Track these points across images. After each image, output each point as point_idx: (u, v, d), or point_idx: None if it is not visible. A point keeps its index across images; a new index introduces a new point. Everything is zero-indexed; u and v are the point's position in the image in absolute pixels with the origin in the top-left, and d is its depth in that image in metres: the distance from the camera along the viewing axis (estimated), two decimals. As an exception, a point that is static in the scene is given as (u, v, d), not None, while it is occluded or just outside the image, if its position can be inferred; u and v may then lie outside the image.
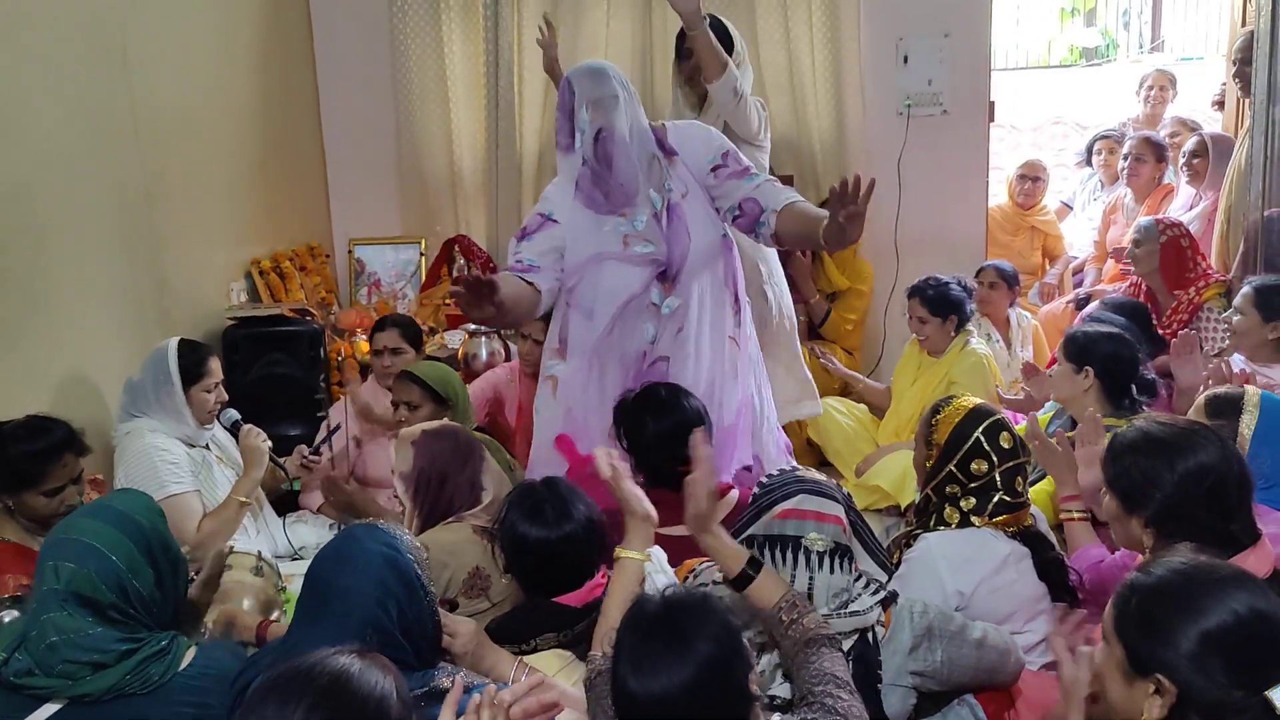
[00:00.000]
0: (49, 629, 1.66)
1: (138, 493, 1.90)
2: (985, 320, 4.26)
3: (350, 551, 1.65)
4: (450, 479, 2.35)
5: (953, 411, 2.27)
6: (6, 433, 2.29)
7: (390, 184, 4.71)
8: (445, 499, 2.34)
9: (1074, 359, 2.78)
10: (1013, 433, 2.26)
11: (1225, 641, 1.34)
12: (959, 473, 2.23)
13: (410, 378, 3.03)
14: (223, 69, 3.82)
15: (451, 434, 2.46)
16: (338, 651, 1.33)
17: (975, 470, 2.21)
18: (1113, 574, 2.22)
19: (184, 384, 2.79)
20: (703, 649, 1.40)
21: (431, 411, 2.95)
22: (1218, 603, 1.36)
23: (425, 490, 2.34)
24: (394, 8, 4.51)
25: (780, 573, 1.85)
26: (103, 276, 2.97)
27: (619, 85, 2.65)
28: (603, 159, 2.62)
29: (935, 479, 2.27)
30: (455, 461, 2.37)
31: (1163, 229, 3.77)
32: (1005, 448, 2.21)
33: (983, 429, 2.22)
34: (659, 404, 2.45)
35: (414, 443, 2.39)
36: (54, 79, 2.77)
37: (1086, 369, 2.74)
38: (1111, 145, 5.24)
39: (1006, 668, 1.97)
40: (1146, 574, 1.45)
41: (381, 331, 3.43)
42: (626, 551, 1.92)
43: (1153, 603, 1.40)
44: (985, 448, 2.21)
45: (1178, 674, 1.35)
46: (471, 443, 2.46)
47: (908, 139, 4.47)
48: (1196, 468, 1.79)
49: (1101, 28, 9.84)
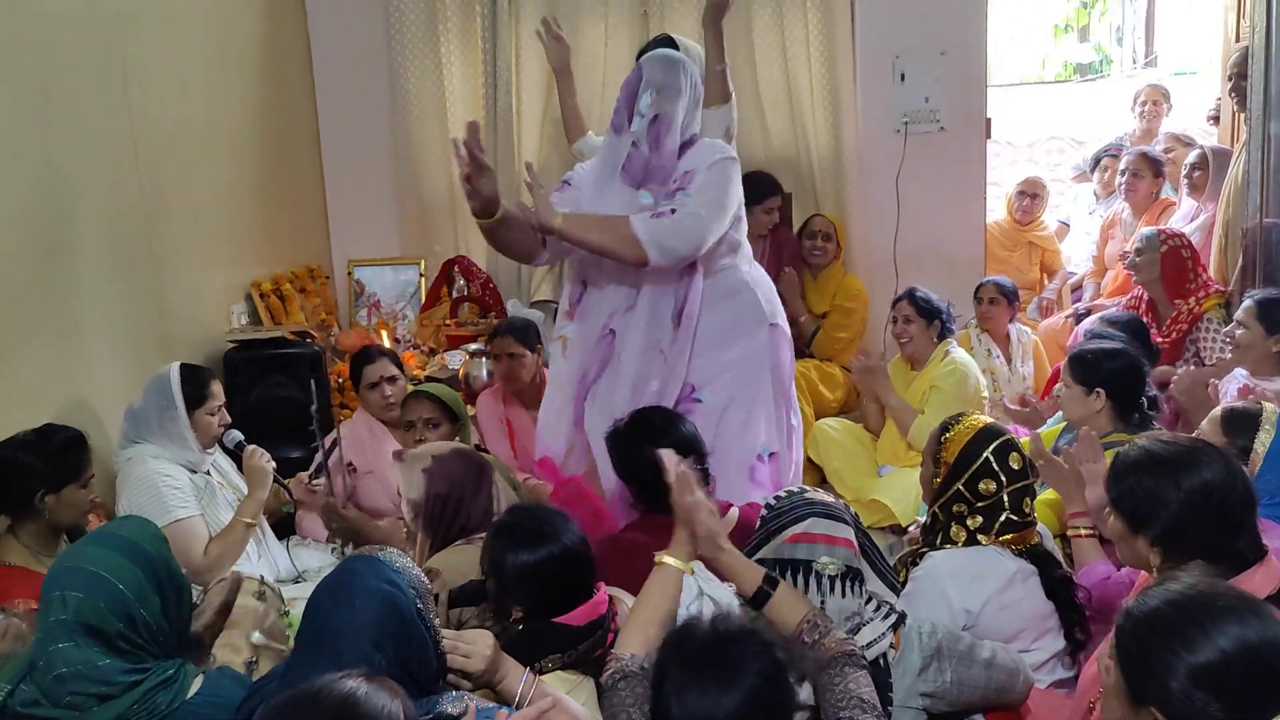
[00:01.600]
0: (57, 660, 1.65)
1: (143, 520, 1.89)
2: (986, 336, 4.27)
3: (347, 588, 1.62)
4: (465, 503, 2.32)
5: (962, 430, 2.27)
6: (29, 441, 2.31)
7: (389, 205, 4.72)
8: (459, 523, 2.31)
9: (1083, 381, 2.75)
10: (1022, 453, 2.25)
11: (1216, 677, 1.31)
12: (967, 492, 2.22)
13: (425, 395, 3.02)
14: (221, 92, 3.83)
15: (464, 456, 2.42)
16: (345, 675, 1.32)
17: (983, 490, 2.20)
18: (1118, 591, 2.22)
19: (188, 409, 2.78)
20: (750, 682, 1.41)
21: (448, 430, 2.95)
22: (1207, 637, 1.33)
23: (439, 515, 2.31)
24: (392, 29, 4.53)
25: None
26: (103, 300, 2.97)
27: (685, 81, 2.74)
28: (653, 143, 2.72)
29: (943, 497, 2.27)
30: (470, 484, 2.34)
31: (1164, 239, 3.81)
32: (1014, 468, 2.21)
33: (992, 449, 2.21)
34: (653, 429, 2.44)
35: (425, 469, 2.33)
36: (54, 102, 2.77)
37: (1098, 390, 2.72)
38: (1116, 163, 5.25)
39: (1015, 687, 1.95)
40: (1142, 603, 1.43)
41: (371, 364, 3.32)
42: (668, 557, 1.87)
43: (1145, 634, 1.39)
44: (994, 468, 2.21)
45: (1170, 708, 1.33)
46: (483, 464, 2.43)
47: (905, 156, 4.49)
48: (1201, 486, 1.78)
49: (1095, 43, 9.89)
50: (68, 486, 2.32)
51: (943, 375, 3.76)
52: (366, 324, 4.57)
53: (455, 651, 1.76)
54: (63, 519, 2.35)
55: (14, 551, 2.31)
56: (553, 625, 1.96)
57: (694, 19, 4.49)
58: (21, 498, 2.29)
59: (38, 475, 2.28)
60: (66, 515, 2.35)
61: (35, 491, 2.28)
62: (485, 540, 2.02)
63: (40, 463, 2.28)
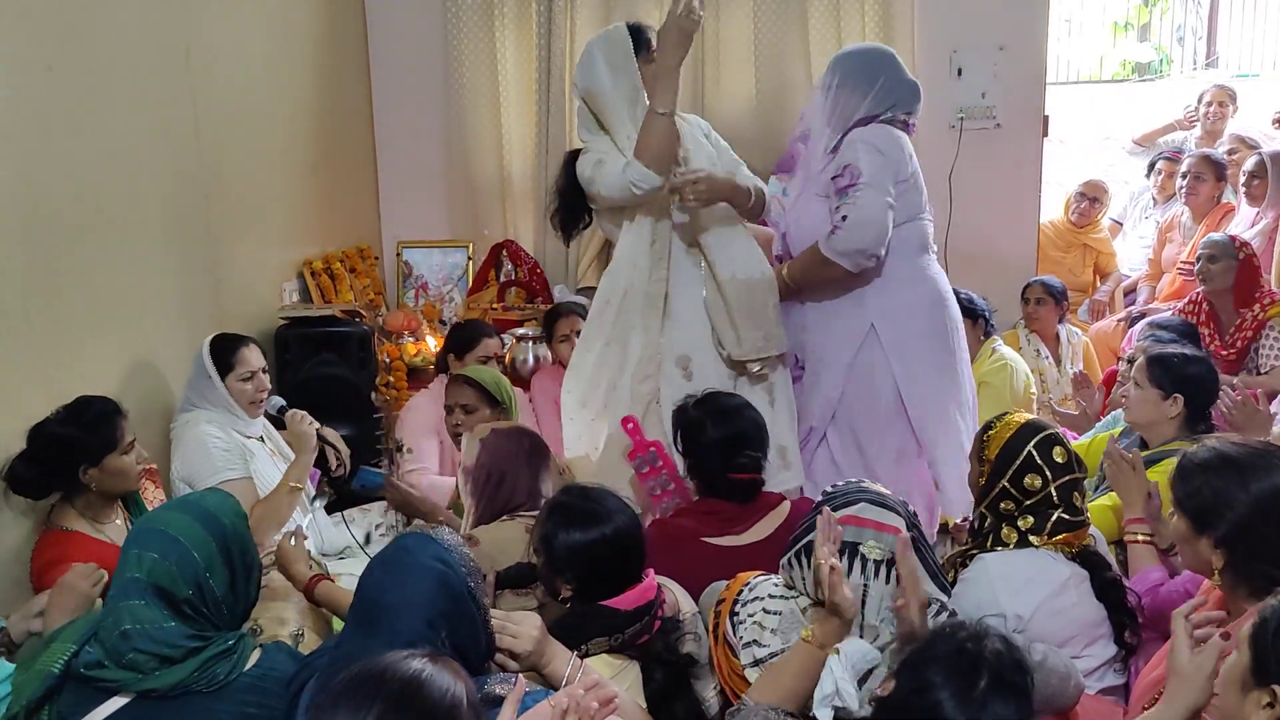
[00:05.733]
0: (125, 616, 1.68)
1: (225, 494, 1.91)
2: (1034, 336, 4.21)
3: (401, 565, 1.64)
4: (509, 477, 2.36)
5: (1004, 428, 2.23)
6: (64, 416, 2.33)
7: (439, 187, 4.75)
8: (503, 497, 2.35)
9: (1161, 384, 2.66)
10: (1067, 447, 2.20)
11: None
12: (1012, 488, 2.18)
13: (465, 380, 3.05)
14: (280, 73, 3.87)
15: (519, 434, 2.46)
16: (409, 655, 1.33)
17: (1029, 485, 2.16)
18: (1170, 599, 2.18)
19: (220, 376, 2.83)
20: None
21: (488, 414, 2.96)
22: None
23: (485, 486, 2.36)
24: (448, 13, 4.55)
25: None
26: (162, 275, 3.01)
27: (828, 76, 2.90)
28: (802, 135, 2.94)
29: (989, 496, 2.23)
30: (518, 461, 2.38)
31: (1239, 246, 3.77)
32: (1059, 462, 2.16)
33: (1035, 443, 2.17)
34: (720, 411, 2.44)
35: (483, 440, 2.41)
36: (119, 80, 2.81)
37: (1176, 396, 2.65)
38: (1172, 167, 5.15)
39: (1067, 691, 1.92)
40: None
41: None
42: (811, 638, 1.82)
43: None
44: (1038, 462, 2.16)
45: None
46: (538, 446, 2.46)
47: (960, 152, 4.43)
48: (1271, 489, 1.76)
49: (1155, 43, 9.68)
50: (108, 456, 2.33)
51: (991, 371, 3.73)
52: (414, 305, 4.61)
53: (503, 632, 1.77)
54: (112, 487, 2.38)
55: (71, 518, 2.36)
56: (600, 608, 1.97)
57: (748, 9, 4.47)
58: (66, 474, 2.32)
59: (76, 450, 2.30)
60: (115, 483, 2.38)
61: (77, 466, 2.31)
62: (537, 518, 2.04)
63: (77, 437, 2.29)
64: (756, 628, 1.95)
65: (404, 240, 4.75)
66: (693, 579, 2.22)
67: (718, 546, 2.34)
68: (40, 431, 2.30)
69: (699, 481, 2.45)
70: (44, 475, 2.30)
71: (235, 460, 2.79)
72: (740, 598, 2.00)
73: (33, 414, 2.34)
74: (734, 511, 2.39)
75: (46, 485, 2.33)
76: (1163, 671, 1.89)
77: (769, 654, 1.92)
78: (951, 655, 1.48)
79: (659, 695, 1.90)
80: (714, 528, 2.36)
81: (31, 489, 2.32)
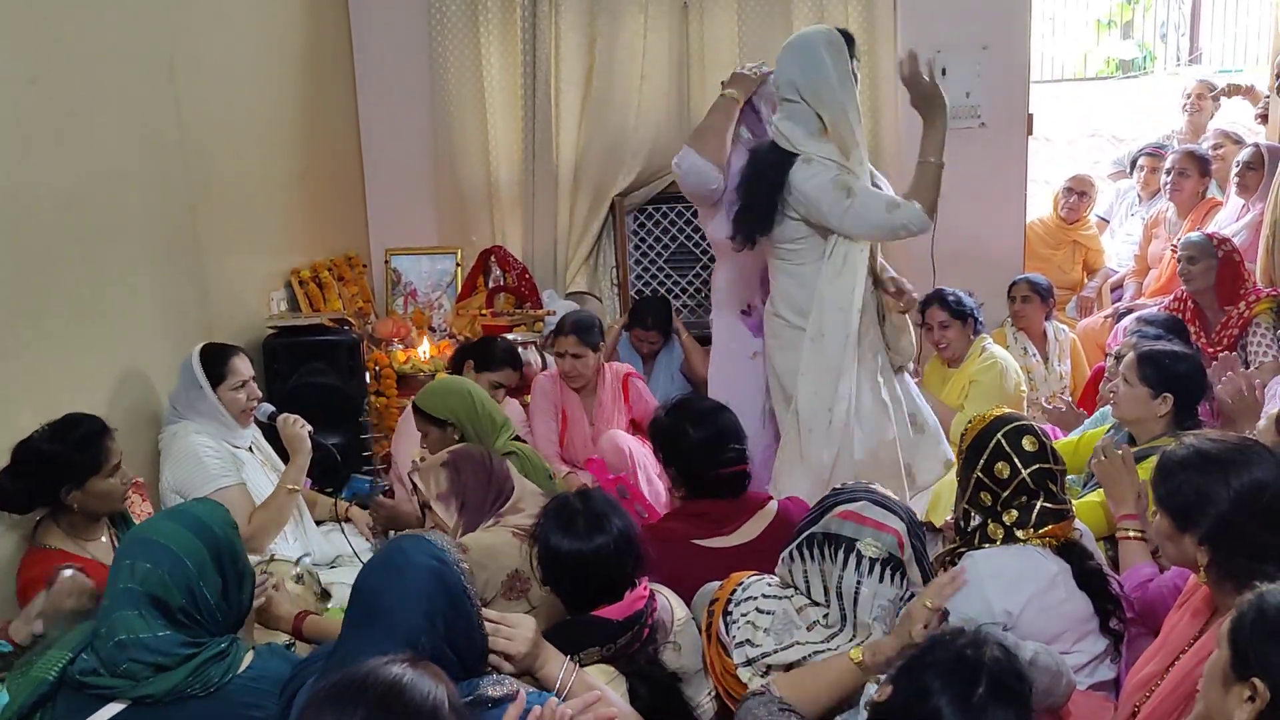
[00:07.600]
0: (119, 627, 1.68)
1: (216, 504, 1.91)
2: (1021, 334, 4.22)
3: (397, 564, 1.65)
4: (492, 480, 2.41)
5: (978, 421, 2.25)
6: (51, 434, 2.31)
7: (427, 194, 4.75)
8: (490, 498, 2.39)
9: (1152, 383, 2.65)
10: (1039, 438, 2.17)
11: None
12: (985, 478, 2.17)
13: (413, 407, 3.06)
14: (265, 83, 3.86)
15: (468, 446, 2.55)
16: (390, 660, 1.33)
17: (999, 474, 2.13)
18: (1160, 595, 2.19)
19: (212, 386, 2.83)
20: None
21: (438, 435, 2.95)
22: None
23: (465, 494, 2.38)
24: (433, 20, 4.55)
25: (830, 571, 1.84)
26: (148, 286, 3.01)
27: None
28: None
29: (967, 490, 2.24)
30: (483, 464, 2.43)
31: (1218, 245, 3.77)
32: (1029, 450, 2.13)
33: (1003, 433, 2.15)
34: (697, 414, 2.46)
35: (444, 463, 2.42)
36: (103, 92, 2.81)
37: (1165, 395, 2.64)
38: (1154, 163, 5.18)
39: (1058, 689, 1.93)
40: None
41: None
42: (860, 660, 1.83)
43: None
44: (1006, 450, 2.14)
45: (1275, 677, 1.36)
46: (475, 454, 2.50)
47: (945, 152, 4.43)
48: (1252, 484, 1.76)
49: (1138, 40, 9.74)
50: (92, 479, 2.31)
51: (982, 370, 3.74)
52: (403, 313, 4.60)
53: (498, 634, 1.77)
54: (95, 508, 2.36)
55: (55, 536, 2.35)
56: (593, 619, 1.97)
57: (732, 11, 4.48)
58: (49, 493, 2.30)
59: (60, 469, 2.28)
60: (98, 505, 2.36)
61: (60, 486, 2.29)
62: (534, 526, 2.04)
63: (62, 456, 2.27)
64: (750, 627, 1.96)
65: (392, 247, 4.75)
66: (684, 582, 2.22)
67: (708, 549, 2.35)
68: (25, 447, 2.28)
69: (687, 485, 2.45)
70: (27, 491, 2.29)
71: (229, 468, 2.79)
72: (734, 597, 2.00)
73: (19, 426, 2.33)
74: (723, 512, 2.40)
75: (30, 501, 2.32)
76: (1154, 669, 1.91)
77: (761, 654, 1.93)
78: (950, 661, 1.48)
79: (648, 710, 1.90)
80: (703, 530, 2.37)
81: (14, 504, 2.30)
